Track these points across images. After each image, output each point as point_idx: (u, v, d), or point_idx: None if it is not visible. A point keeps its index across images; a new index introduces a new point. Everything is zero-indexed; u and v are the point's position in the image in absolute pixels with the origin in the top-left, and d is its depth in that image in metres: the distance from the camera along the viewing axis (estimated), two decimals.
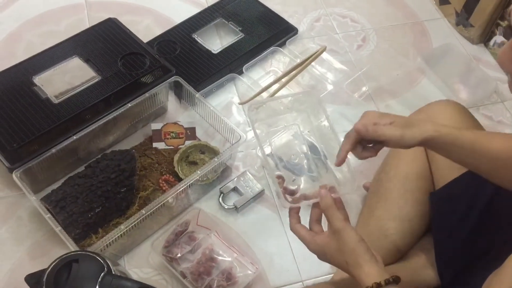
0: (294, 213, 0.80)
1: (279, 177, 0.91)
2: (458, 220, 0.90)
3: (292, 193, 0.88)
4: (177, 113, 1.29)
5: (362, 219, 1.03)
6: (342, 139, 0.86)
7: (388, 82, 1.44)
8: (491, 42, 1.55)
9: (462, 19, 1.58)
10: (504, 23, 1.48)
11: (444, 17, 1.66)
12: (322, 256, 0.77)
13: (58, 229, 0.94)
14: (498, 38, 1.52)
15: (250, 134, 1.27)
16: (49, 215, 0.96)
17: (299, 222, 0.79)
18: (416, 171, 0.99)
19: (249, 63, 1.37)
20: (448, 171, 0.94)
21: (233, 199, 1.14)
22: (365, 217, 1.02)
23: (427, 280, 0.95)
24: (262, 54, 1.39)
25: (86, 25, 1.45)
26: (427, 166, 0.99)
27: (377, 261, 0.72)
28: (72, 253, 0.81)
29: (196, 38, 1.41)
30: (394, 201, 0.99)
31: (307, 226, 0.79)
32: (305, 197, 0.85)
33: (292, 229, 0.79)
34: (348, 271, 0.73)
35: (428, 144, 0.78)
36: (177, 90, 1.25)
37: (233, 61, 1.37)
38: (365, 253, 0.71)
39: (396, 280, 0.70)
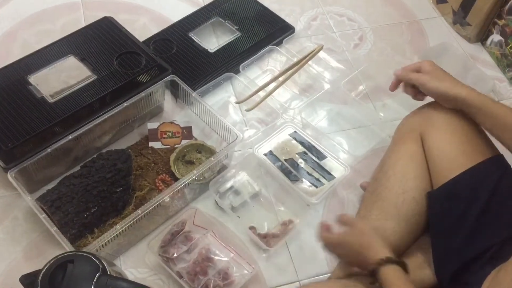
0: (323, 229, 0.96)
1: (252, 227, 1.10)
2: (455, 220, 0.90)
3: (265, 236, 1.08)
4: (173, 112, 1.29)
5: (359, 218, 1.03)
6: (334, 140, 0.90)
7: (385, 81, 1.42)
8: (488, 41, 1.55)
9: (459, 18, 1.58)
10: (501, 22, 1.48)
11: (441, 16, 1.66)
12: (344, 245, 0.91)
13: (53, 229, 0.93)
14: (495, 37, 1.52)
15: (247, 134, 1.27)
16: (44, 215, 0.96)
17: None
18: (413, 171, 0.99)
19: (246, 62, 1.36)
20: (446, 170, 0.93)
21: (229, 199, 1.14)
22: (362, 217, 1.02)
23: (424, 279, 0.95)
24: (259, 53, 1.39)
25: (82, 24, 1.44)
26: (425, 165, 0.99)
27: (386, 246, 0.87)
28: (67, 254, 0.81)
29: (192, 37, 1.41)
30: (391, 201, 0.98)
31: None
32: (273, 235, 1.09)
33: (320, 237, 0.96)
34: (360, 253, 0.88)
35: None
36: (174, 89, 1.24)
37: (230, 60, 1.37)
38: (381, 241, 0.87)
39: (398, 262, 0.84)
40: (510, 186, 0.90)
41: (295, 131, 1.26)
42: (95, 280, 0.77)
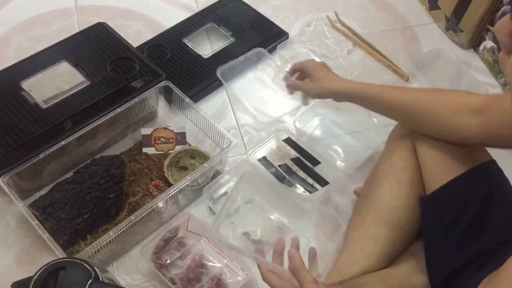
0: (262, 262, 0.87)
1: (245, 233, 1.07)
2: (449, 225, 0.90)
3: (258, 242, 1.06)
4: (167, 118, 1.29)
5: (353, 224, 1.03)
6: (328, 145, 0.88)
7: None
8: (481, 47, 1.56)
9: (452, 24, 1.59)
10: (493, 28, 1.49)
11: (434, 22, 1.67)
12: None
13: (45, 235, 0.93)
14: (488, 43, 1.53)
15: (240, 140, 1.27)
16: (36, 221, 0.95)
17: (270, 269, 0.85)
18: (406, 176, 0.99)
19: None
20: (438, 176, 0.94)
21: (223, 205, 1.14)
22: (355, 222, 1.02)
23: (418, 285, 0.95)
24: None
25: (76, 29, 1.44)
26: (417, 171, 0.99)
27: None
28: (59, 260, 0.80)
29: (186, 42, 1.41)
30: (384, 207, 0.98)
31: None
32: (267, 241, 1.05)
33: (263, 277, 0.86)
34: None
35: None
36: (167, 95, 1.24)
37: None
38: None
39: None
40: (501, 191, 0.90)
41: (289, 137, 1.26)
42: (87, 287, 0.77)
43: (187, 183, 1.05)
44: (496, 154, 0.95)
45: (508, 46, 0.53)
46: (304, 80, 1.13)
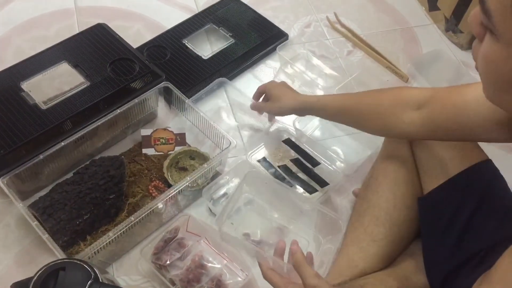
0: (263, 259, 0.86)
1: (245, 234, 1.09)
2: (446, 225, 0.90)
3: (258, 242, 1.07)
4: (167, 119, 1.29)
5: (351, 224, 1.03)
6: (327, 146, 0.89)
7: (379, 88, 1.44)
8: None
9: (452, 25, 1.59)
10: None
11: (434, 23, 1.67)
12: None
13: (45, 236, 0.93)
14: None
15: (240, 140, 1.27)
16: (36, 222, 0.95)
17: (270, 267, 0.85)
18: (404, 176, 1.00)
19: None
20: (436, 176, 0.94)
21: (223, 205, 1.14)
22: (354, 223, 1.02)
23: (417, 285, 0.95)
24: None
25: (76, 30, 1.44)
26: (415, 171, 1.00)
27: None
28: (59, 261, 0.80)
29: (186, 43, 1.41)
30: (382, 207, 0.99)
31: None
32: (266, 242, 1.07)
33: (264, 275, 0.84)
34: None
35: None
36: (167, 95, 1.24)
37: (224, 67, 1.37)
38: None
39: None
40: (497, 190, 0.91)
41: (288, 138, 1.26)
42: (86, 287, 0.77)
43: (187, 184, 1.05)
44: (492, 153, 0.96)
45: (479, 35, 0.55)
46: (264, 101, 1.20)
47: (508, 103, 0.58)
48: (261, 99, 1.23)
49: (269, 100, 1.17)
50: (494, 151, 0.94)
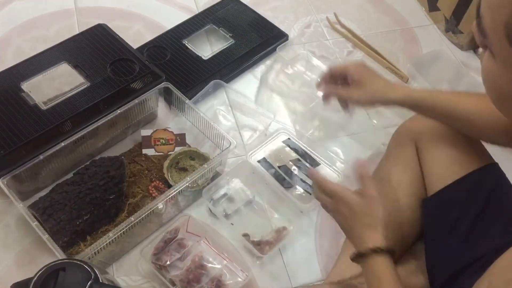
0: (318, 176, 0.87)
1: (245, 234, 1.08)
2: (449, 227, 0.90)
3: (258, 243, 1.07)
4: (167, 119, 1.29)
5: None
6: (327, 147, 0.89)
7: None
8: (480, 49, 1.55)
9: (452, 26, 1.59)
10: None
11: (434, 23, 1.67)
12: (342, 209, 0.83)
13: (45, 236, 0.93)
14: None
15: (240, 141, 1.27)
16: (36, 222, 0.95)
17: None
18: (408, 177, 0.99)
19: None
20: (440, 177, 0.94)
21: (223, 206, 1.14)
22: None
23: (418, 286, 0.95)
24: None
25: (76, 30, 1.44)
26: (419, 172, 0.99)
27: (385, 236, 0.80)
28: (59, 261, 0.80)
29: (186, 44, 1.41)
30: (385, 207, 0.98)
31: None
32: (267, 242, 1.07)
33: (322, 184, 0.86)
34: (357, 231, 0.81)
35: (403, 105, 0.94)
36: (167, 96, 1.24)
37: (224, 67, 1.37)
38: (383, 227, 0.80)
39: (391, 254, 0.79)
40: (503, 194, 0.90)
41: (288, 138, 1.26)
42: None
43: (187, 184, 1.05)
44: (498, 157, 0.96)
45: (482, 45, 0.58)
46: (345, 87, 0.98)
47: (508, 111, 0.59)
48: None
49: (355, 85, 0.95)
50: (500, 155, 0.94)
